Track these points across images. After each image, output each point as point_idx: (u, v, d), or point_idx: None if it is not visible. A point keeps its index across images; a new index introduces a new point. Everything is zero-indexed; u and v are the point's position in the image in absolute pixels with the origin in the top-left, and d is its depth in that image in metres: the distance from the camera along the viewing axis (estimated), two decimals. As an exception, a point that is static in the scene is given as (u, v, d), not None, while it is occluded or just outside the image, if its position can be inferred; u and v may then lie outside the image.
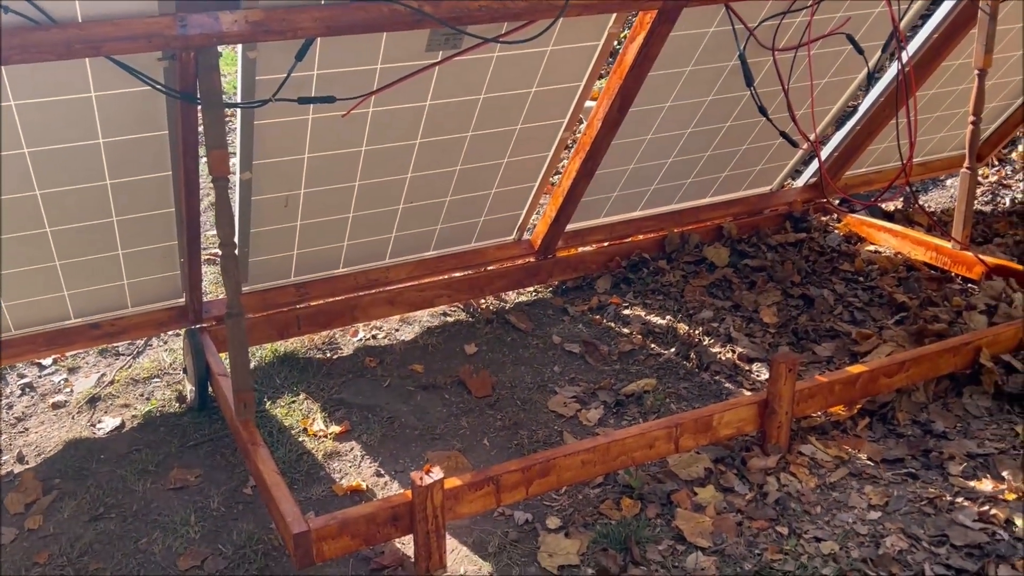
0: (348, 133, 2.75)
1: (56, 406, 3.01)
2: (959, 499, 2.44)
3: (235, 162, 2.72)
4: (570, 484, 2.48)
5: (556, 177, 4.09)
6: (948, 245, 3.64)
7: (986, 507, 2.38)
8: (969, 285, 3.54)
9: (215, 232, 2.46)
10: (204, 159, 2.47)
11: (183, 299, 3.04)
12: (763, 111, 3.03)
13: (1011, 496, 2.43)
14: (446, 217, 3.31)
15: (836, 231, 4.05)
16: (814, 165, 4.21)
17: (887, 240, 3.93)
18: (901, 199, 4.52)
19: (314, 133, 2.69)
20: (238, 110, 2.52)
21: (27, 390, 3.10)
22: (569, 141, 3.43)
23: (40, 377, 3.18)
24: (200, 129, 2.37)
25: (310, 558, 2.10)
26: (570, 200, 3.41)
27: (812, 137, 3.39)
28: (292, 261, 3.15)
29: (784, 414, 2.58)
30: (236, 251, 2.40)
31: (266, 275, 3.15)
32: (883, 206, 4.41)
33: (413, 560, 2.26)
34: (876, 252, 3.91)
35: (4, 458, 2.75)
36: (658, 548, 2.32)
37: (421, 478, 2.14)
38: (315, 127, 2.67)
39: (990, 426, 2.77)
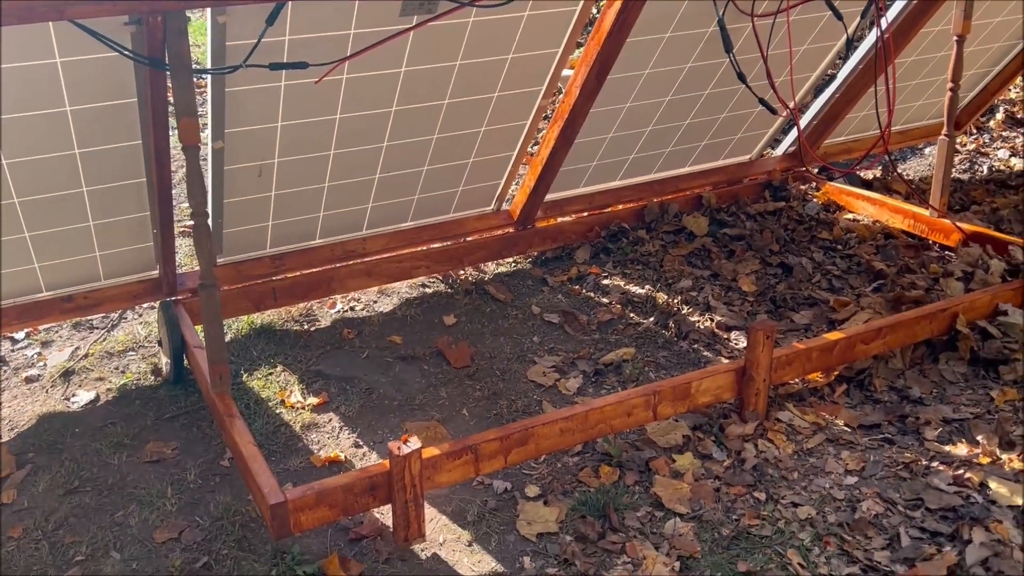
0: (322, 101, 2.71)
1: (29, 380, 2.97)
2: (934, 463, 2.46)
3: (208, 131, 2.68)
4: (549, 453, 2.48)
5: (535, 147, 4.06)
6: (926, 213, 3.65)
7: (961, 471, 2.40)
8: (946, 252, 3.56)
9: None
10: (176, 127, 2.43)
11: (157, 271, 3.00)
12: (742, 77, 3.01)
13: (985, 460, 2.45)
14: (424, 187, 3.28)
15: (815, 200, 4.05)
16: (793, 134, 4.20)
17: (865, 208, 3.93)
18: (880, 167, 4.53)
19: (287, 101, 2.65)
20: (209, 77, 2.47)
21: (-1, 364, 3.06)
22: (548, 110, 3.40)
23: (13, 351, 3.14)
24: (170, 97, 2.32)
25: (287, 529, 2.09)
26: (549, 169, 3.38)
27: (791, 105, 3.37)
28: (267, 232, 3.11)
29: (762, 381, 2.59)
30: (209, 221, 2.37)
31: (241, 247, 3.11)
32: (861, 174, 4.41)
33: (392, 529, 2.26)
34: (854, 220, 3.91)
35: (-23, 433, 2.72)
36: (636, 515, 2.32)
37: (399, 448, 2.13)
38: (288, 94, 2.63)
39: (966, 391, 2.79)
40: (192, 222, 2.35)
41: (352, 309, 3.38)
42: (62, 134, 2.43)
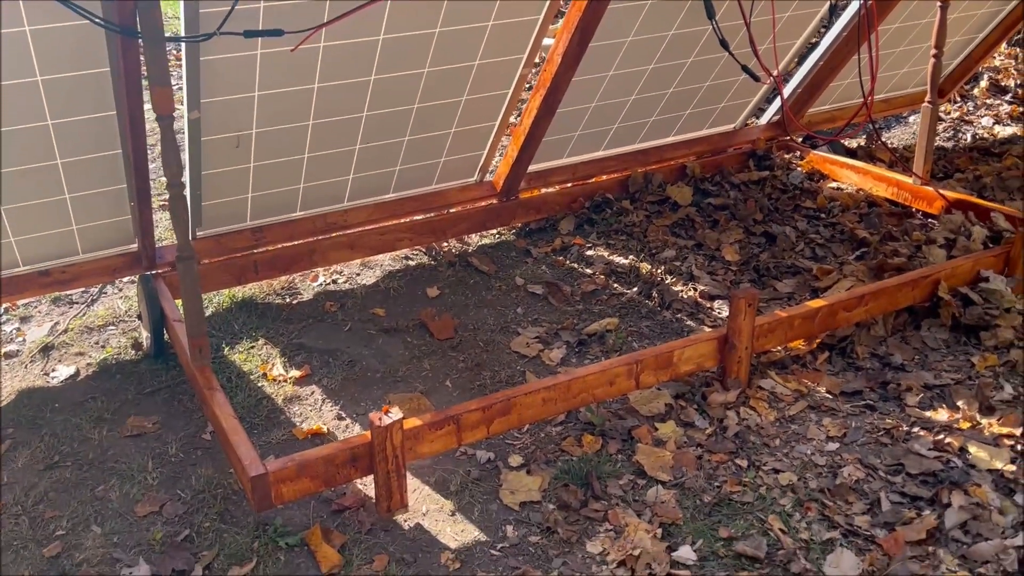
0: (299, 70, 2.67)
1: (8, 356, 2.94)
2: (915, 429, 2.47)
3: (184, 101, 2.64)
4: (531, 422, 2.47)
5: (517, 117, 4.02)
6: (909, 181, 3.64)
7: (941, 436, 2.41)
8: (930, 220, 3.56)
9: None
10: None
11: (136, 245, 2.97)
12: (724, 45, 2.99)
13: (965, 425, 2.47)
14: (405, 158, 3.25)
15: (799, 168, 4.04)
16: (777, 103, 4.18)
17: (849, 177, 3.93)
18: (864, 136, 4.52)
19: (263, 70, 2.61)
20: (183, 46, 2.43)
21: (-22, 340, 3.03)
22: (530, 79, 3.36)
23: (-9, 327, 3.11)
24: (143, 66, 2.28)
25: (268, 501, 2.09)
26: (531, 139, 3.36)
27: (775, 72, 3.34)
28: (247, 204, 3.08)
29: (744, 349, 2.59)
30: (186, 192, 2.34)
31: (221, 219, 3.08)
32: (846, 143, 4.40)
33: (374, 500, 2.25)
34: (838, 189, 3.91)
35: (-45, 409, 2.69)
36: (619, 483, 2.33)
37: (380, 418, 2.12)
38: (264, 63, 2.59)
39: (947, 358, 2.80)
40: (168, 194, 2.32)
41: (335, 282, 3.36)
42: (34, 105, 2.39)
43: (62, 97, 2.41)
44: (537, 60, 3.24)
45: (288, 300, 3.23)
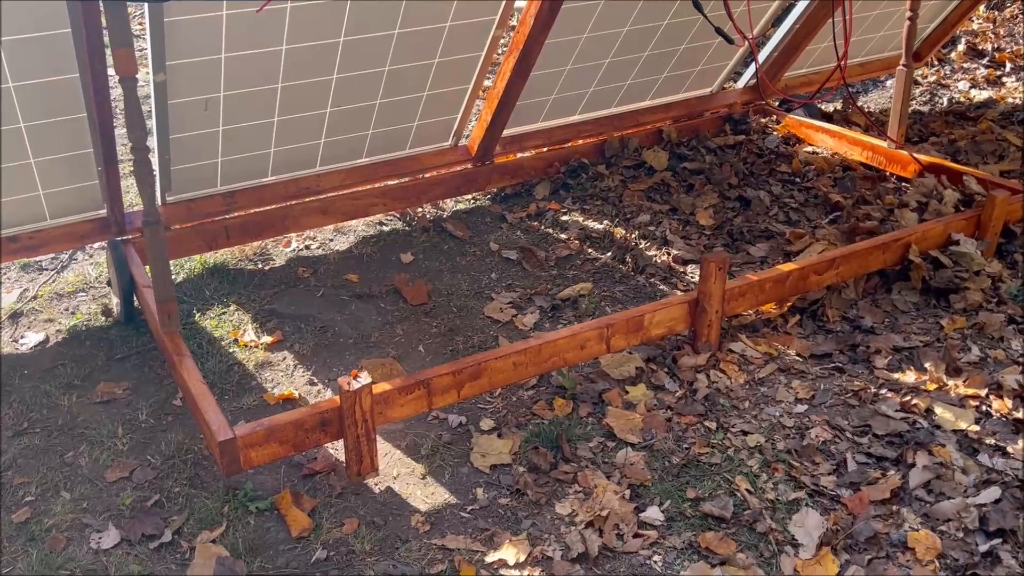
0: (266, 31, 2.63)
1: (-23, 323, 2.91)
2: (883, 391, 2.49)
3: (149, 64, 2.59)
4: (503, 386, 2.48)
5: (492, 80, 3.98)
6: (884, 145, 3.65)
7: (908, 398, 2.44)
8: (904, 184, 3.56)
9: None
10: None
11: (104, 210, 2.94)
12: (698, 6, 2.96)
13: (932, 386, 2.49)
14: (377, 122, 3.22)
15: (775, 133, 4.03)
16: (754, 67, 4.16)
17: (824, 141, 3.92)
18: (840, 100, 4.51)
19: (229, 31, 2.57)
20: (145, 6, 2.39)
21: (-54, 308, 3.00)
22: (502, 42, 3.33)
23: (-41, 294, 3.07)
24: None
25: (237, 465, 2.09)
26: (505, 103, 3.33)
27: (749, 36, 3.32)
28: (217, 169, 3.05)
29: (714, 313, 2.60)
30: (152, 157, 2.31)
31: (191, 184, 3.05)
32: (822, 107, 4.39)
33: (345, 465, 2.26)
34: (814, 153, 3.90)
35: (-77, 376, 2.67)
36: (589, 445, 2.34)
37: (348, 383, 2.12)
38: (230, 24, 2.55)
39: (917, 320, 2.82)
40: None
41: (308, 248, 3.34)
42: (-7, 67, 2.34)
43: (22, 59, 2.36)
44: (512, 23, 3.21)
45: (260, 266, 3.21)
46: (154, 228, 2.35)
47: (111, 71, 2.31)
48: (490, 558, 2.03)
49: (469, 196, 3.68)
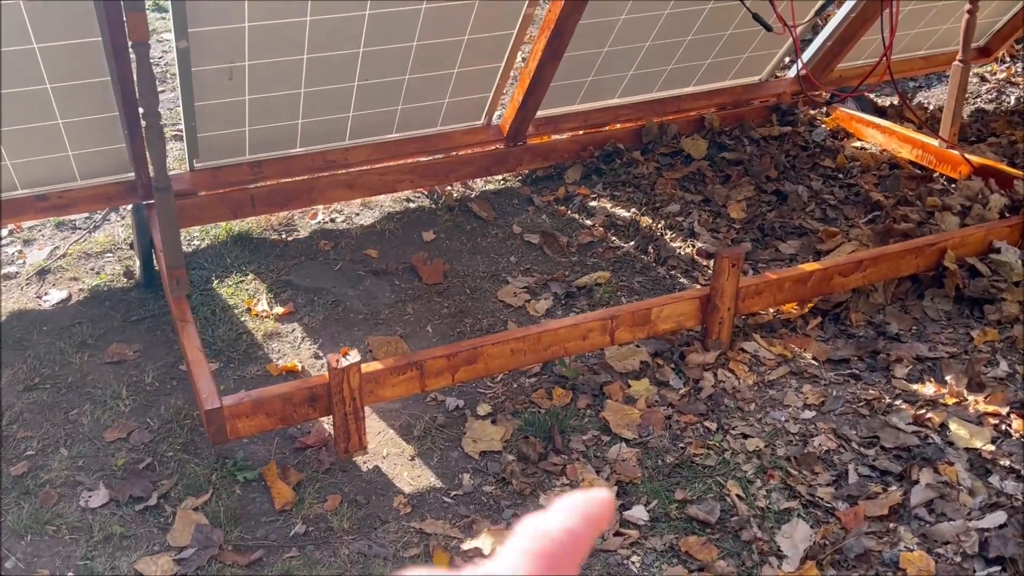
0: (289, 2, 2.62)
1: (7, 277, 2.99)
2: (898, 402, 2.38)
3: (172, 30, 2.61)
4: (499, 372, 2.45)
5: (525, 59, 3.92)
6: (935, 143, 3.48)
7: (923, 411, 2.33)
8: (952, 185, 3.40)
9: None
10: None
11: (132, 174, 2.98)
12: (735, -10, 2.85)
13: (951, 400, 2.37)
14: (407, 97, 3.19)
15: (823, 126, 3.89)
16: (807, 55, 4.00)
17: (874, 136, 3.77)
18: (896, 95, 4.32)
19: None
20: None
21: (-20, 261, 3.09)
22: (535, 20, 3.27)
23: (-6, 248, 3.16)
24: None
25: (224, 435, 2.10)
26: (537, 83, 3.27)
27: (791, 22, 3.19)
28: (245, 137, 3.06)
29: (726, 310, 2.51)
30: (168, 123, 2.32)
31: (218, 151, 3.07)
32: (879, 101, 4.22)
33: (334, 441, 2.26)
34: (861, 149, 3.75)
35: (-51, 327, 2.75)
36: (583, 438, 2.29)
37: (337, 360, 2.11)
38: (252, -7, 2.54)
39: (946, 330, 2.69)
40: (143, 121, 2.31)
41: (333, 220, 3.35)
42: (18, 28, 2.38)
43: (45, 21, 2.39)
44: (542, 1, 3.14)
45: (284, 236, 3.23)
46: (164, 194, 2.38)
47: (129, 36, 2.32)
48: (466, 545, 2.01)
49: (499, 176, 3.63)
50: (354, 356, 2.12)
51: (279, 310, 2.81)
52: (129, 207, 3.35)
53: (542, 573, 0.42)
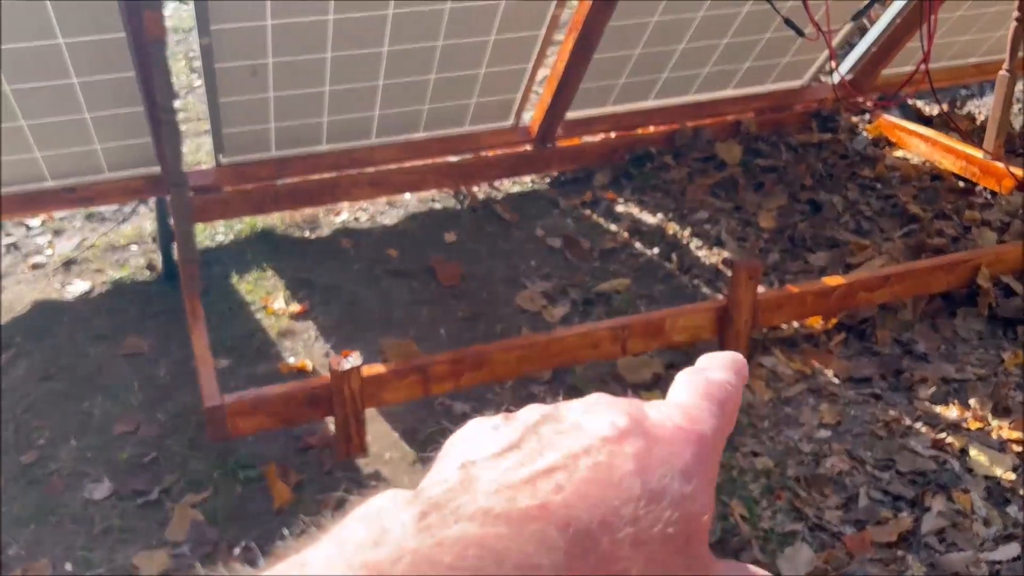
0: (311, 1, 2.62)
1: (35, 267, 3.05)
2: (917, 424, 2.29)
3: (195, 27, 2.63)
4: (505, 379, 2.41)
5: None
6: (980, 155, 3.35)
7: (943, 435, 2.23)
8: (994, 199, 3.27)
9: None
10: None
11: (159, 167, 3.01)
12: (766, -7, 2.77)
13: (975, 425, 2.28)
14: (433, 97, 3.17)
15: (865, 133, 3.77)
16: (851, 59, 3.89)
17: (917, 146, 3.64)
18: (947, 102, 4.18)
19: (273, -1, 2.57)
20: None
21: (12, 249, 3.16)
22: (563, 20, 3.22)
23: (26, 238, 3.23)
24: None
25: (224, 433, 2.10)
26: (566, 84, 3.22)
27: (825, 29, 3.09)
28: (270, 134, 3.07)
29: (743, 323, 2.45)
30: (175, 117, 2.34)
31: (244, 147, 3.08)
32: (926, 109, 4.08)
33: (335, 443, 2.25)
34: (903, 159, 3.63)
35: (-24, 314, 2.81)
36: (587, 450, 2.25)
37: (339, 363, 2.10)
38: (273, -9, 2.54)
39: (976, 351, 2.58)
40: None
41: (356, 219, 3.35)
42: (44, 23, 2.41)
43: (70, 17, 2.42)
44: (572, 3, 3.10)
45: (307, 234, 3.23)
46: (179, 190, 2.39)
47: (148, 33, 2.34)
48: (459, 555, 1.98)
49: (527, 178, 3.60)
50: (355, 359, 2.11)
51: (295, 308, 2.82)
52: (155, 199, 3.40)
53: (723, 423, 0.36)
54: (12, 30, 2.39)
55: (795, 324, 2.67)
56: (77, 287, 2.93)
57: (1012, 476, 2.10)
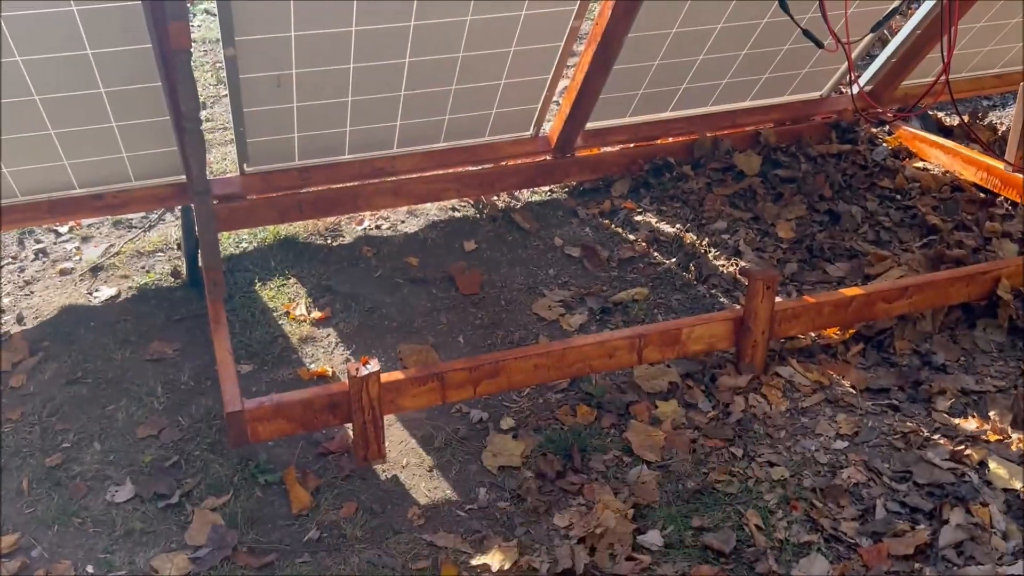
0: (335, 11, 2.66)
1: (63, 272, 3.11)
2: (936, 436, 2.29)
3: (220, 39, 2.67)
4: (522, 387, 2.43)
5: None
6: (1001, 166, 3.34)
7: (962, 447, 2.23)
8: (1016, 210, 3.25)
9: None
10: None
11: (185, 176, 3.06)
12: (784, 5, 2.77)
13: (993, 437, 2.27)
14: (454, 107, 3.21)
15: (884, 144, 3.76)
16: (870, 70, 3.89)
17: (938, 157, 3.63)
18: (968, 113, 4.16)
19: (298, 9, 2.61)
20: (213, -17, 2.45)
21: (40, 255, 3.21)
22: (582, 32, 3.25)
23: (55, 244, 3.29)
24: None
25: (244, 437, 2.13)
26: (585, 95, 3.25)
27: (844, 40, 3.09)
28: (294, 144, 3.12)
29: (760, 333, 2.45)
30: (200, 127, 2.38)
31: (268, 156, 3.13)
32: (947, 120, 4.07)
33: (353, 449, 2.27)
34: (923, 170, 3.62)
35: (5, 318, 2.87)
36: (604, 458, 2.26)
37: (357, 369, 2.13)
38: (298, 3, 2.58)
39: (996, 363, 2.57)
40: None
41: (378, 227, 3.38)
42: (72, 34, 2.46)
43: (98, 29, 2.48)
44: (592, 16, 3.13)
45: (329, 242, 3.27)
46: (202, 197, 2.43)
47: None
48: (475, 561, 2.00)
49: (546, 188, 3.62)
50: (374, 365, 2.13)
51: (316, 315, 2.85)
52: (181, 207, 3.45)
53: None
54: (41, 41, 2.45)
55: (812, 334, 2.67)
56: (104, 292, 2.97)
57: (1030, 489, 2.09)
